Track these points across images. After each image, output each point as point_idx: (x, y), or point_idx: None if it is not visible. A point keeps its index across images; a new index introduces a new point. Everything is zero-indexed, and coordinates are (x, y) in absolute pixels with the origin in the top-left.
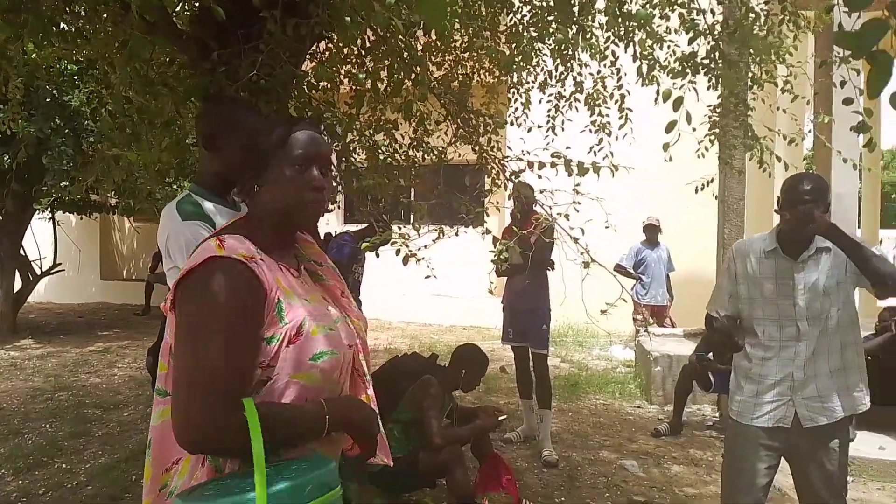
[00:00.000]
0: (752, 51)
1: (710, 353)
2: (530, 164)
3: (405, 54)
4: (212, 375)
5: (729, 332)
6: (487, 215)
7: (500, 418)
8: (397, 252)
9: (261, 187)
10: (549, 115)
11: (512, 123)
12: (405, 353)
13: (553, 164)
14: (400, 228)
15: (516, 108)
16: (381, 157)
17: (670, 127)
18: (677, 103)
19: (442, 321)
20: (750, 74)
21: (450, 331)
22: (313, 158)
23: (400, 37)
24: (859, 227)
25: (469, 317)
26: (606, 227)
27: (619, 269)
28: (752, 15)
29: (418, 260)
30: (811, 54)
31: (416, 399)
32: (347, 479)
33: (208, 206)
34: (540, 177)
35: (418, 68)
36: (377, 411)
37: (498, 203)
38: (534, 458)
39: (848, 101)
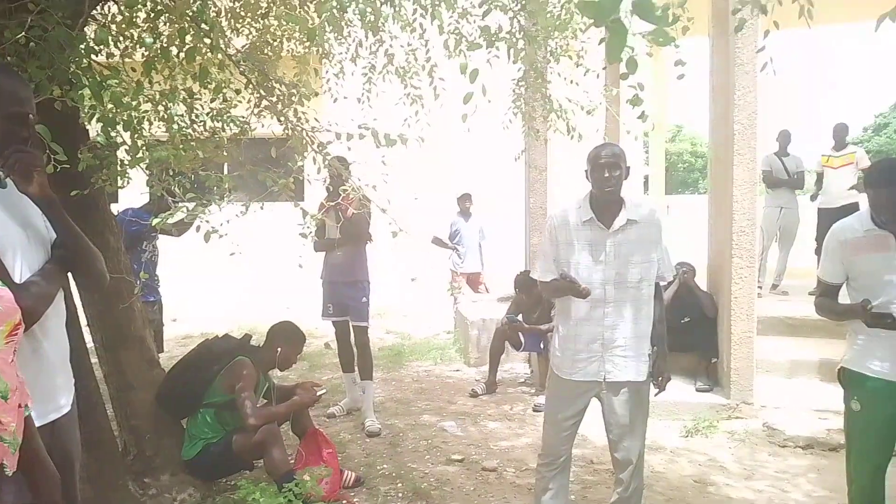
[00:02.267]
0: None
1: (520, 315)
2: (338, 136)
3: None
4: None
5: (573, 282)
6: (292, 189)
7: (318, 393)
8: (198, 228)
9: None
10: (363, 88)
11: (316, 95)
12: (216, 335)
13: (361, 136)
14: (203, 204)
15: (328, 80)
16: (177, 127)
17: (467, 98)
18: (473, 75)
19: (262, 302)
20: (548, 49)
21: (272, 310)
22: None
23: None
24: (646, 192)
25: (292, 294)
26: (415, 199)
27: (437, 240)
28: None
29: (221, 236)
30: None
31: (229, 381)
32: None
33: None
34: (349, 149)
35: (213, 33)
36: None
37: (308, 176)
38: (357, 429)
39: (624, 77)
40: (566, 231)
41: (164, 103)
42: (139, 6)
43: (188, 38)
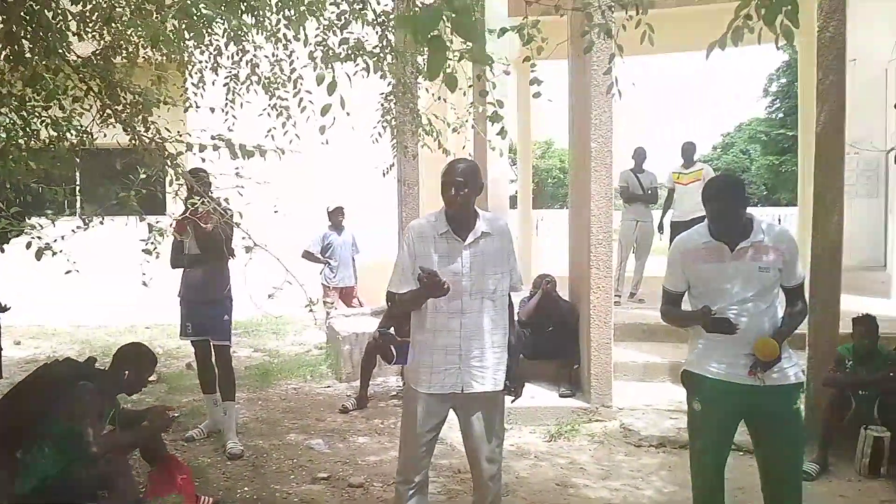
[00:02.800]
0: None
1: (391, 328)
2: (189, 147)
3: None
4: None
5: (433, 274)
6: (134, 202)
7: (171, 417)
8: (28, 245)
9: None
10: (226, 98)
11: (165, 103)
12: (56, 359)
13: (215, 147)
14: (29, 219)
15: (185, 90)
16: (5, 136)
17: (325, 110)
18: (331, 87)
19: (119, 322)
20: (415, 64)
21: (130, 331)
22: None
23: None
24: (515, 208)
25: (151, 314)
26: (275, 212)
27: (308, 255)
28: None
29: (54, 253)
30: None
31: (69, 408)
32: None
33: None
34: (203, 160)
35: (49, 36)
36: None
37: (169, 188)
38: (218, 452)
39: (484, 94)
40: (423, 243)
41: None
42: None
43: (23, 41)
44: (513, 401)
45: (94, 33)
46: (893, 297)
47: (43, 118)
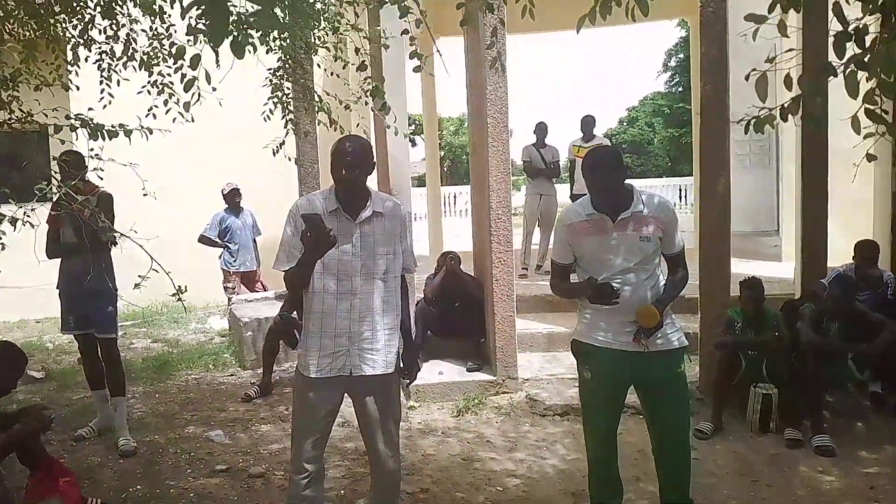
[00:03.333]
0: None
1: (294, 312)
2: (41, 126)
3: None
4: None
5: (320, 222)
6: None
7: (48, 416)
8: None
9: None
10: (101, 76)
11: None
12: None
13: (72, 128)
14: None
15: (58, 66)
16: None
17: (188, 86)
18: (194, 61)
19: (8, 317)
20: (305, 40)
21: (19, 327)
22: None
23: None
24: (424, 187)
25: (42, 309)
26: (144, 195)
27: (204, 239)
28: None
29: None
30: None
31: None
32: None
33: None
34: (62, 142)
35: None
36: None
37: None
38: (110, 451)
39: (362, 68)
40: None
41: None
42: None
43: None
44: (408, 384)
45: None
46: (785, 260)
47: None
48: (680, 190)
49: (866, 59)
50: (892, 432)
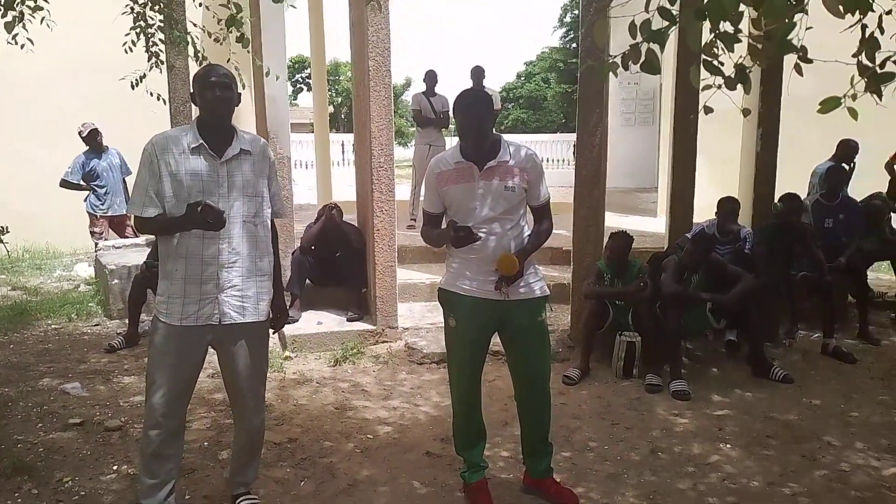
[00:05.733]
0: None
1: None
2: None
3: None
4: None
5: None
6: None
7: None
8: None
9: None
10: None
11: None
12: None
13: None
14: None
15: None
16: None
17: (9, 5)
18: None
19: None
20: None
21: None
22: None
23: None
24: (313, 134)
25: None
26: None
27: (66, 184)
28: None
29: None
30: None
31: None
32: None
33: None
34: None
35: None
36: None
37: None
38: None
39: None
40: (170, 159)
41: None
42: None
43: None
44: (274, 332)
45: None
46: (660, 215)
47: None
48: (573, 146)
49: (704, 7)
50: (743, 377)
